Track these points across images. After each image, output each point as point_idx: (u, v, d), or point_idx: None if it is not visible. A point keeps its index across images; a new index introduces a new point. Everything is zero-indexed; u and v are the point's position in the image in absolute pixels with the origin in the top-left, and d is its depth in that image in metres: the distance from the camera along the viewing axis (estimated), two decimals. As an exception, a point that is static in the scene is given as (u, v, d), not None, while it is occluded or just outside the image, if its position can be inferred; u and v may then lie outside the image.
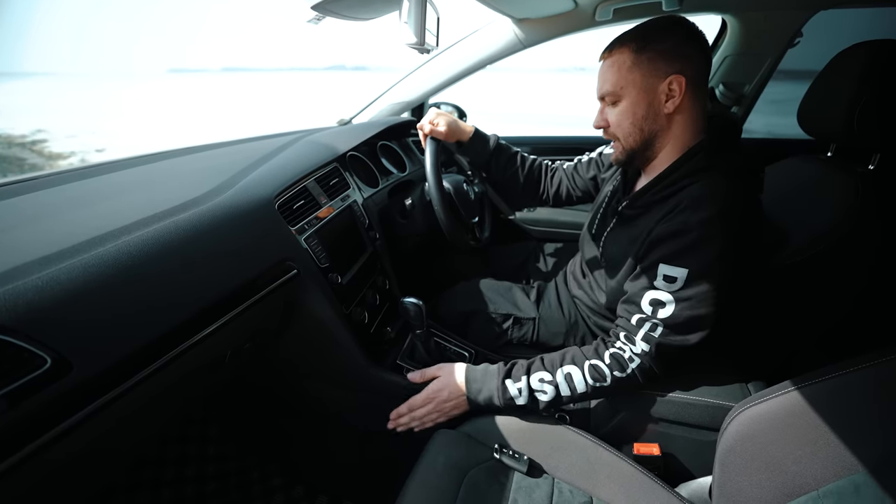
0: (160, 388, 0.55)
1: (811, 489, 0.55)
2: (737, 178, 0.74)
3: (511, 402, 0.78)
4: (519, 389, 0.77)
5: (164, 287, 0.55)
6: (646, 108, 0.76)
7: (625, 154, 0.82)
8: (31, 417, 0.41)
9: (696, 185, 0.74)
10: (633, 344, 0.75)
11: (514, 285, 1.09)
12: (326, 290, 0.82)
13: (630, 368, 0.75)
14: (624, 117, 0.78)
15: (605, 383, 0.76)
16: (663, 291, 0.72)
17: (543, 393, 0.77)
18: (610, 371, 0.75)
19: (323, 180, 0.94)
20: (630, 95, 0.76)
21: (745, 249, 0.74)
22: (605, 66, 0.79)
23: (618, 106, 0.78)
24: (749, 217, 0.75)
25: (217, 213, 0.65)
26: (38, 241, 0.51)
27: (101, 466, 0.60)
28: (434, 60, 1.33)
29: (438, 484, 0.67)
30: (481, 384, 0.79)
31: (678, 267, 0.71)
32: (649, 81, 0.75)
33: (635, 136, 0.79)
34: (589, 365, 0.76)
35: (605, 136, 0.85)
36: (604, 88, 0.79)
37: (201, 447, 1.10)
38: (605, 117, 0.82)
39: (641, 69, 0.75)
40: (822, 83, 0.86)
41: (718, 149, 0.76)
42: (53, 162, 7.96)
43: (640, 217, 0.82)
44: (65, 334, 0.44)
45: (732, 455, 0.63)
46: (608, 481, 0.72)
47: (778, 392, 0.60)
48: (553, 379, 0.77)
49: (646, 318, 0.74)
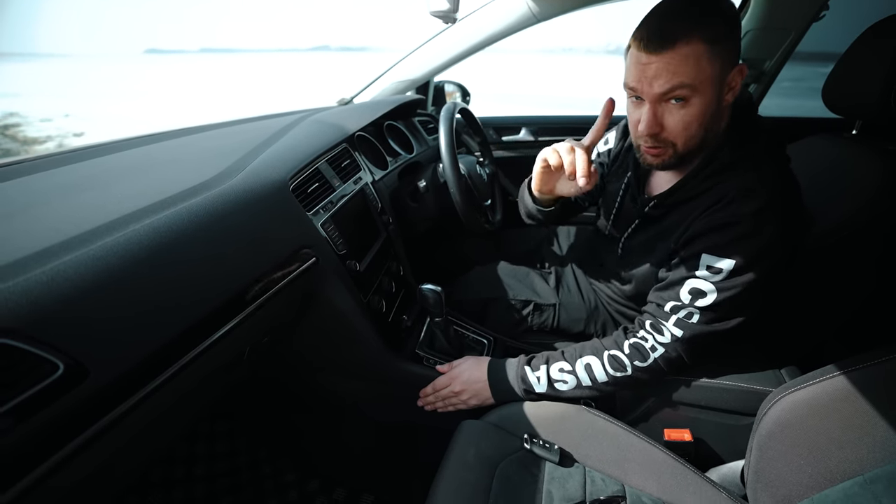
0: (182, 390, 0.51)
1: (856, 474, 0.54)
2: (779, 162, 0.71)
3: (531, 391, 0.78)
4: (538, 378, 0.77)
5: (180, 280, 0.50)
6: (716, 104, 0.66)
7: (676, 158, 0.70)
8: (44, 431, 0.36)
9: (735, 178, 0.68)
10: (660, 333, 0.73)
11: (531, 271, 1.06)
12: (345, 279, 0.78)
13: (651, 358, 0.74)
14: (694, 119, 0.65)
15: (626, 373, 0.74)
16: (705, 281, 0.69)
17: (563, 383, 0.77)
18: (630, 361, 0.74)
19: (334, 162, 0.89)
20: (706, 94, 0.64)
21: (792, 236, 0.71)
22: (667, 60, 0.62)
23: (686, 106, 0.65)
24: (792, 200, 0.71)
25: (230, 198, 0.60)
26: (36, 232, 0.45)
27: (118, 480, 0.56)
28: (441, 36, 1.26)
29: (471, 478, 0.65)
30: (503, 372, 0.80)
31: (724, 258, 0.67)
32: (723, 74, 0.64)
33: (699, 137, 0.68)
34: (608, 355, 0.75)
35: (650, 144, 0.70)
36: (673, 84, 0.63)
37: (211, 444, 1.06)
38: (660, 121, 0.66)
39: (720, 62, 0.63)
40: (853, 58, 0.83)
41: (743, 134, 0.70)
42: (29, 147, 7.64)
43: (670, 214, 0.77)
44: (77, 336, 0.39)
45: (772, 440, 0.62)
46: (640, 469, 0.71)
47: (820, 378, 0.59)
48: (573, 369, 0.76)
49: (681, 306, 0.71)
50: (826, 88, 0.88)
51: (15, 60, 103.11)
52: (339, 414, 0.97)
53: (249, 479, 1.06)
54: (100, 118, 12.33)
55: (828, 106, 0.90)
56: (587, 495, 0.66)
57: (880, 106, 0.77)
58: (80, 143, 0.80)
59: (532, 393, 0.78)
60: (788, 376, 0.77)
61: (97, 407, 0.40)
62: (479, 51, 1.26)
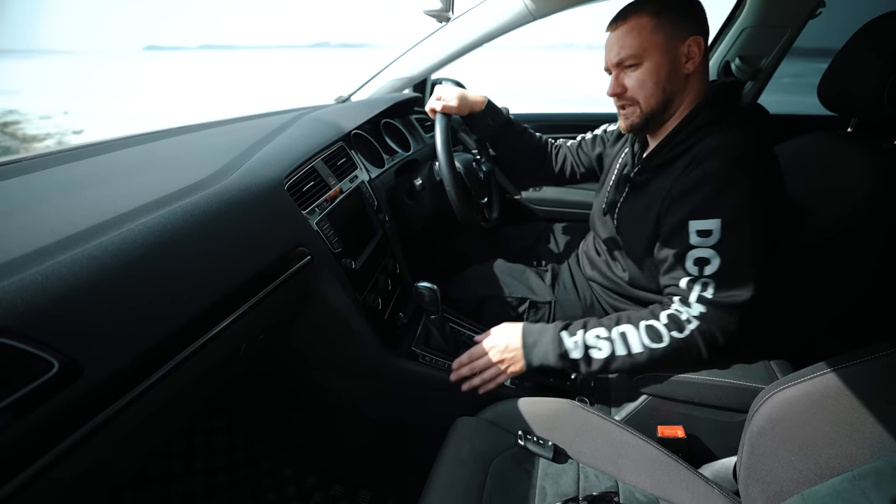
0: (176, 387, 0.52)
1: (845, 470, 0.55)
2: (748, 126, 0.74)
3: (566, 356, 0.76)
4: (575, 342, 0.76)
5: (175, 278, 0.50)
6: (668, 69, 0.76)
7: (642, 118, 0.81)
8: (40, 428, 0.37)
9: (708, 138, 0.74)
10: (690, 307, 0.73)
11: (527, 268, 1.06)
12: (341, 277, 0.78)
13: (688, 329, 0.72)
14: (647, 78, 0.77)
15: (662, 343, 0.73)
16: (702, 248, 0.71)
17: (598, 350, 0.75)
18: (668, 331, 0.73)
19: (330, 160, 0.89)
20: (653, 57, 0.76)
21: (771, 197, 0.74)
22: (620, 33, 0.77)
23: (638, 69, 0.77)
24: (768, 164, 0.75)
25: (225, 197, 0.60)
26: (33, 231, 0.46)
27: (115, 475, 0.56)
28: (438, 34, 1.26)
29: (465, 474, 0.66)
30: (537, 337, 0.79)
31: (708, 219, 0.70)
32: (672, 43, 0.75)
33: (657, 96, 0.78)
34: (646, 325, 0.74)
35: (619, 104, 0.82)
36: (622, 54, 0.77)
37: (209, 439, 1.07)
38: (621, 83, 0.80)
39: (665, 31, 0.75)
40: (849, 55, 0.83)
41: (723, 102, 0.77)
42: (28, 144, 7.65)
43: (653, 181, 0.81)
44: (71, 334, 0.40)
45: (763, 437, 0.62)
46: (633, 465, 0.71)
47: (811, 374, 0.59)
48: (609, 336, 0.75)
49: (695, 279, 0.72)
50: (822, 86, 0.88)
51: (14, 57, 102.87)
52: (336, 411, 0.98)
53: (248, 475, 1.07)
54: (99, 115, 12.31)
55: (823, 103, 0.89)
56: (580, 491, 0.67)
57: (875, 104, 0.77)
58: (78, 141, 0.80)
59: (566, 359, 0.76)
60: (780, 372, 0.77)
61: (92, 404, 0.41)
62: (476, 48, 1.26)
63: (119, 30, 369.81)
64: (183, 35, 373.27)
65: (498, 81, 15.05)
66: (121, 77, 33.49)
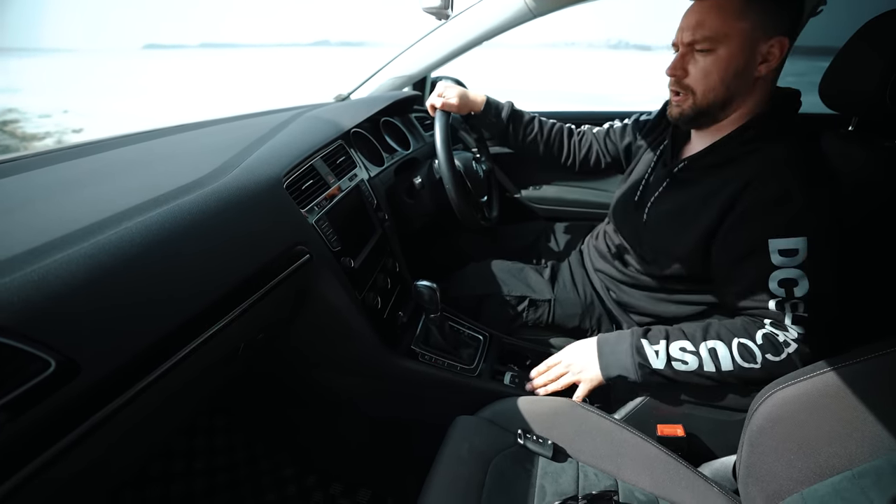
0: (174, 386, 0.52)
1: (845, 468, 0.55)
2: (809, 141, 0.72)
3: (646, 366, 0.73)
4: (656, 352, 0.73)
5: (172, 276, 0.50)
6: (742, 64, 0.69)
7: (695, 110, 0.74)
8: (37, 427, 0.37)
9: (772, 150, 0.70)
10: (787, 330, 0.69)
11: (526, 266, 1.06)
12: (340, 276, 0.78)
13: (785, 353, 0.69)
14: (714, 69, 0.70)
15: (755, 365, 0.69)
16: (788, 268, 0.67)
17: (683, 363, 0.72)
18: (762, 353, 0.69)
19: (329, 158, 0.89)
20: (730, 47, 0.68)
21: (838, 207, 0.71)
22: (703, 8, 0.69)
23: (709, 56, 0.70)
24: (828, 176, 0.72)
25: (223, 195, 0.60)
26: (31, 229, 0.45)
27: (114, 474, 0.56)
28: (437, 32, 1.25)
29: (465, 472, 0.66)
30: (614, 346, 0.75)
31: (793, 238, 0.66)
32: (755, 36, 0.67)
33: (718, 92, 0.72)
34: (738, 343, 0.70)
35: (674, 89, 0.76)
36: (697, 34, 0.69)
37: (210, 438, 1.07)
38: (685, 65, 0.73)
39: (751, 20, 0.66)
40: (850, 53, 0.83)
41: (785, 113, 0.73)
42: (28, 143, 7.63)
43: (699, 181, 0.77)
44: (67, 333, 0.40)
45: (763, 436, 0.62)
46: (632, 463, 0.71)
47: (811, 374, 0.59)
48: (696, 350, 0.71)
49: (783, 301, 0.68)
50: (823, 84, 0.88)
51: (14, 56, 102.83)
52: (336, 409, 0.98)
53: (248, 474, 1.07)
54: (99, 114, 12.30)
55: (825, 102, 0.89)
56: (580, 490, 0.67)
57: (876, 102, 0.77)
58: (78, 140, 0.80)
59: (647, 368, 0.73)
60: None
61: (89, 403, 0.41)
62: (476, 46, 1.25)
63: (119, 28, 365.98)
64: (183, 33, 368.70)
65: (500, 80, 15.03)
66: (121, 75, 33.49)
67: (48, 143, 7.54)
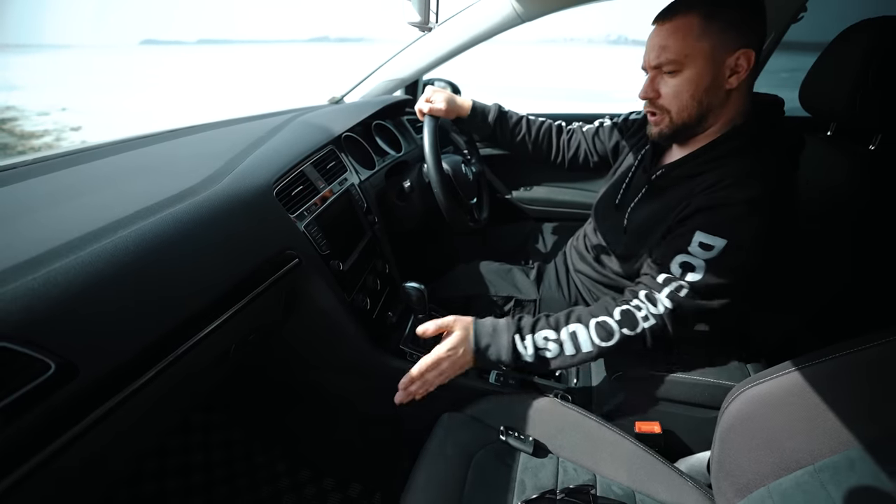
0: (169, 384, 0.54)
1: (807, 464, 0.57)
2: (783, 156, 0.73)
3: (519, 359, 0.76)
4: (525, 346, 0.76)
5: (164, 283, 0.53)
6: (710, 81, 0.71)
7: (672, 128, 0.77)
8: (39, 425, 0.40)
9: (743, 160, 0.72)
10: (654, 304, 0.73)
11: (513, 267, 1.09)
12: (328, 278, 0.81)
13: (641, 327, 0.73)
14: (684, 89, 0.73)
15: (612, 341, 0.73)
16: (696, 257, 0.71)
17: (548, 351, 0.75)
18: (619, 328, 0.73)
19: (320, 164, 0.91)
20: (695, 66, 0.71)
21: (782, 231, 0.74)
22: (664, 32, 0.72)
23: (677, 77, 0.72)
24: (790, 199, 0.74)
25: (215, 203, 0.63)
26: (31, 239, 0.48)
27: (111, 471, 0.59)
28: (428, 36, 1.27)
29: (447, 467, 0.69)
30: (490, 339, 0.77)
31: (716, 236, 0.69)
32: (718, 53, 0.69)
33: (692, 109, 0.74)
34: (596, 323, 0.74)
35: (650, 109, 0.79)
36: (663, 56, 0.72)
37: (205, 434, 1.10)
38: (655, 87, 0.75)
39: (711, 39, 0.69)
40: (826, 61, 0.85)
41: (763, 127, 0.75)
42: (26, 141, 7.63)
43: (673, 188, 0.79)
44: (66, 337, 0.43)
45: (732, 433, 0.65)
46: (611, 459, 0.74)
47: (778, 373, 0.62)
48: (558, 337, 0.75)
49: (673, 279, 0.72)
50: (802, 90, 0.90)
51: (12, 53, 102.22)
52: (329, 407, 1.01)
53: (243, 469, 1.10)
54: (98, 112, 12.27)
55: (803, 106, 0.91)
56: (559, 484, 0.70)
57: (848, 110, 0.79)
58: (77, 138, 0.82)
59: (520, 361, 0.76)
60: (754, 370, 0.80)
61: (86, 403, 0.43)
62: (467, 50, 1.27)
63: (116, 24, 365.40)
64: (181, 29, 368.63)
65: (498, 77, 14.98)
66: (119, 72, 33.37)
67: (47, 140, 7.54)
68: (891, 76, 0.75)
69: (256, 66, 37.77)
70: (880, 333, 0.54)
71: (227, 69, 34.91)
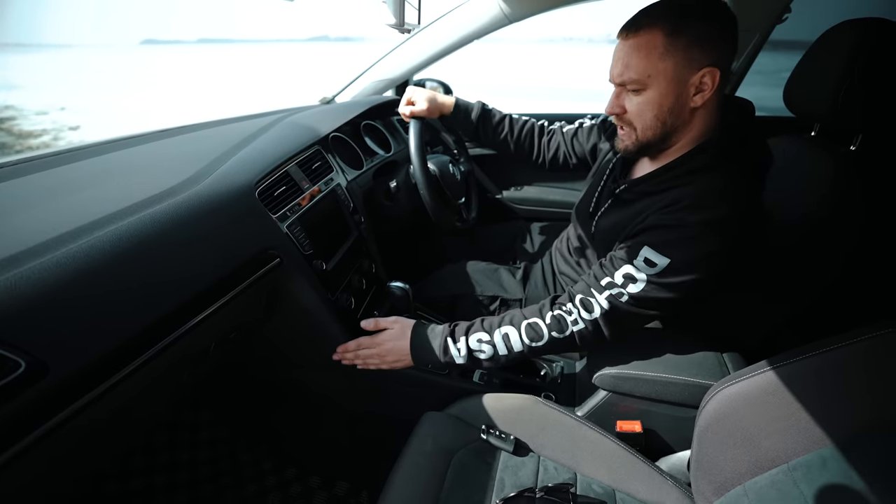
0: (144, 383, 0.55)
1: (782, 462, 0.58)
2: (746, 177, 0.73)
3: (451, 361, 0.80)
4: (458, 349, 0.79)
5: (140, 283, 0.53)
6: (673, 100, 0.70)
7: (637, 145, 0.77)
8: (7, 423, 0.40)
9: (702, 181, 0.71)
10: (588, 309, 0.75)
11: (500, 267, 1.09)
12: (310, 278, 0.81)
13: (569, 331, 0.76)
14: (647, 108, 0.72)
15: (541, 343, 0.77)
16: (640, 271, 0.72)
17: (481, 352, 0.79)
18: (548, 331, 0.76)
19: (305, 164, 0.92)
20: (658, 86, 0.69)
21: (741, 251, 0.74)
22: (627, 47, 0.70)
23: (641, 95, 0.71)
24: (751, 218, 0.73)
25: (194, 204, 0.63)
26: (8, 238, 0.48)
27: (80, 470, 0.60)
28: (418, 36, 1.28)
29: (427, 465, 0.69)
30: (424, 340, 0.81)
31: (661, 255, 0.70)
32: (681, 72, 0.67)
33: (655, 129, 0.73)
34: (527, 324, 0.77)
35: (618, 123, 0.78)
36: (626, 75, 0.70)
37: (191, 432, 1.10)
38: (621, 104, 0.74)
39: (675, 57, 0.67)
40: (809, 62, 0.86)
41: (730, 145, 0.73)
42: (25, 140, 7.64)
43: (637, 202, 0.80)
44: (38, 336, 0.43)
45: (710, 431, 0.65)
46: (591, 458, 0.74)
47: (754, 372, 0.62)
48: (490, 339, 0.78)
49: (614, 285, 0.74)
50: (786, 90, 0.91)
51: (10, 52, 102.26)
52: (313, 405, 1.01)
53: (228, 467, 1.10)
54: (97, 111, 12.27)
55: (787, 106, 0.92)
56: (539, 482, 0.70)
57: (830, 111, 0.79)
58: (75, 137, 0.82)
59: (451, 363, 0.80)
60: (733, 369, 0.80)
61: (56, 401, 0.44)
62: (456, 50, 1.28)
63: (116, 23, 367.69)
64: (181, 29, 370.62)
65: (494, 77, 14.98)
66: (119, 72, 33.37)
67: (45, 140, 7.54)
68: (873, 77, 0.75)
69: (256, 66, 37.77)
70: (852, 333, 0.55)
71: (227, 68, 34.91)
